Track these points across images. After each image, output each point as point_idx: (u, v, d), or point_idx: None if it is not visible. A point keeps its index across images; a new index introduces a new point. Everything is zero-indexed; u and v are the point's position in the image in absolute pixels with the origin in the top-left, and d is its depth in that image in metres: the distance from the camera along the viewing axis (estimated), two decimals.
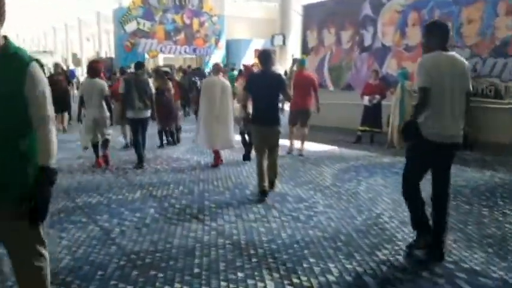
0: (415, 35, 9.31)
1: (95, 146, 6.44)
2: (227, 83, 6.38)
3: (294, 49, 22.02)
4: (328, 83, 11.13)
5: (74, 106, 8.89)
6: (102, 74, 7.30)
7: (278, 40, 19.34)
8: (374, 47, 10.18)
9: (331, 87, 11.08)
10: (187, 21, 23.86)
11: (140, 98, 6.31)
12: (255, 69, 7.29)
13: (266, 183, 5.00)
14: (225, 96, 6.22)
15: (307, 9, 11.94)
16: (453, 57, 3.28)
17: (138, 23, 22.58)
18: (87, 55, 42.79)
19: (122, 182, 5.74)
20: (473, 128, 7.91)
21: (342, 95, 10.69)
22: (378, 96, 8.67)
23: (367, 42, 10.32)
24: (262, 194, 4.96)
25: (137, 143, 6.51)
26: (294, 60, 8.86)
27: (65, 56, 48.90)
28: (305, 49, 11.79)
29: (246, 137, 6.91)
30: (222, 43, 25.27)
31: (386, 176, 6.10)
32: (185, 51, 24.40)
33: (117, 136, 8.22)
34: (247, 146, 6.82)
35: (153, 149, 8.11)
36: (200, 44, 24.30)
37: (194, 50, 24.49)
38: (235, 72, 11.80)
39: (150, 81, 6.83)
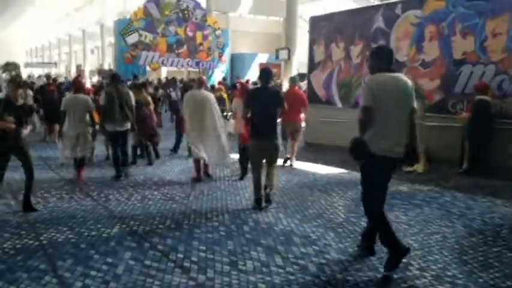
0: (432, 50, 8.57)
1: (75, 161, 6.42)
2: (211, 95, 6.36)
3: (299, 63, 21.44)
4: (337, 100, 10.36)
5: None
6: (85, 90, 7.24)
7: (283, 54, 18.68)
8: None
9: (339, 105, 10.30)
10: (190, 34, 23.32)
11: (121, 110, 6.29)
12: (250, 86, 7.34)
13: (262, 192, 5.20)
14: (209, 109, 6.16)
15: (314, 22, 11.23)
16: (397, 77, 3.49)
17: (140, 35, 22.03)
18: (90, 67, 42.54)
19: (100, 213, 4.93)
20: (500, 153, 7.51)
21: (352, 113, 9.88)
22: None
23: None
24: (257, 203, 5.17)
25: (116, 156, 6.51)
26: (291, 79, 9.07)
27: (69, 67, 48.69)
28: (312, 64, 11.06)
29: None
30: (226, 57, 24.67)
31: (407, 209, 5.28)
32: (188, 64, 23.82)
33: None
34: (244, 164, 6.68)
35: (143, 170, 7.34)
36: (203, 57, 23.71)
37: (197, 63, 23.90)
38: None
39: (131, 93, 6.70)
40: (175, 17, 22.87)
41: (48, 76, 11.04)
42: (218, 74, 24.00)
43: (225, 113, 7.53)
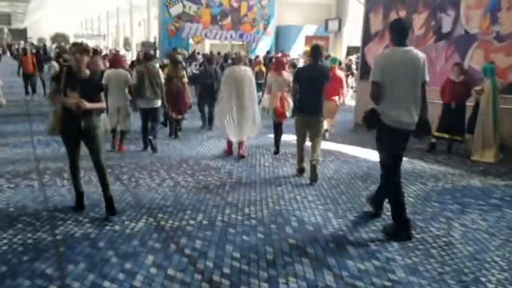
0: (510, 21, 7.32)
1: (114, 131, 6.56)
2: (250, 71, 6.32)
3: (350, 36, 20.07)
4: None
5: None
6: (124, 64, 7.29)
7: (333, 26, 17.48)
8: (455, 35, 8.22)
9: None
10: (235, 5, 22.40)
11: (152, 88, 6.46)
12: (285, 60, 7.45)
13: (304, 164, 5.48)
14: (248, 85, 6.10)
15: None
16: (407, 51, 3.51)
17: (184, 6, 21.40)
18: (137, 40, 42.66)
19: (127, 202, 4.41)
20: None
21: None
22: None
23: (446, 28, 8.36)
24: (299, 172, 5.52)
25: (144, 130, 6.70)
26: (332, 59, 8.94)
27: (117, 40, 49.24)
28: (367, 35, 9.98)
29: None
30: (271, 29, 23.54)
31: (485, 211, 4.37)
32: (231, 37, 23.02)
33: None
34: (277, 141, 6.74)
35: (179, 151, 6.80)
36: (247, 29, 22.78)
37: (241, 36, 23.04)
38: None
39: (161, 72, 6.83)
40: None
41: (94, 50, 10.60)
42: (262, 47, 23.04)
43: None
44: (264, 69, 12.75)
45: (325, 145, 6.99)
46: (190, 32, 21.71)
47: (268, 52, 19.67)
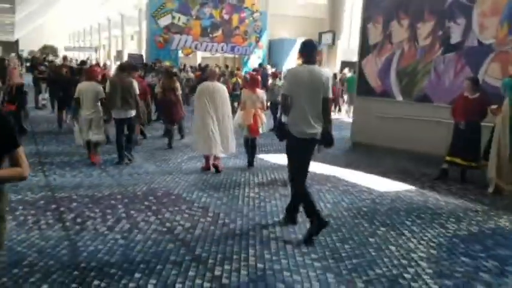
0: None
1: (88, 143, 6.58)
2: (224, 87, 6.37)
3: (343, 51, 19.26)
4: (396, 91, 8.33)
5: None
6: (99, 77, 7.46)
7: (326, 39, 16.62)
8: (466, 46, 7.29)
9: (399, 97, 8.28)
10: (226, 17, 21.60)
11: (124, 98, 6.40)
12: (259, 78, 7.25)
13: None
14: (221, 101, 6.12)
15: None
16: (312, 69, 3.84)
17: (173, 17, 20.53)
18: (130, 52, 41.80)
19: (58, 258, 3.31)
20: None
21: (415, 108, 7.90)
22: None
23: (456, 38, 7.45)
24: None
25: (119, 142, 6.59)
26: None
27: (109, 52, 48.36)
28: (364, 47, 9.05)
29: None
30: (263, 42, 22.72)
31: None
32: (222, 49, 22.16)
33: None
34: (250, 153, 6.72)
35: (151, 178, 5.75)
36: (239, 41, 21.95)
37: (232, 49, 22.19)
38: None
39: (134, 82, 6.67)
40: None
41: (64, 58, 9.74)
42: (254, 60, 22.19)
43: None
44: (240, 81, 12.84)
45: (316, 167, 6.09)
46: (179, 44, 20.83)
47: (260, 65, 18.79)
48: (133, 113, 6.54)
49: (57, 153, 7.13)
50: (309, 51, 3.90)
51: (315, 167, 6.65)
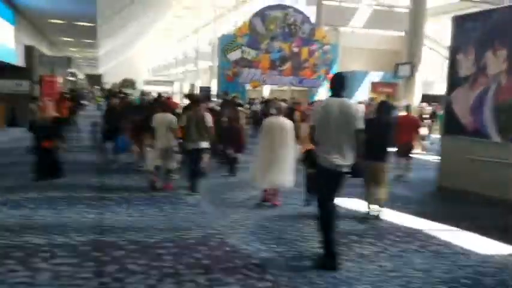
0: None
1: (158, 168, 6.91)
2: (289, 122, 6.16)
3: (423, 81, 17.96)
4: (491, 129, 7.12)
5: None
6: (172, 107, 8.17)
7: (404, 70, 15.49)
8: None
9: (495, 137, 7.07)
10: (296, 50, 21.27)
11: (197, 130, 6.64)
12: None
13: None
14: (286, 136, 5.97)
15: (460, 23, 8.17)
16: (342, 101, 3.95)
17: (243, 52, 20.63)
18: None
19: None
20: None
21: None
22: None
23: None
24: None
25: (190, 171, 6.83)
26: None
27: (183, 85, 50.67)
28: (453, 80, 7.98)
29: None
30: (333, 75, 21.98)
31: None
32: (290, 82, 21.78)
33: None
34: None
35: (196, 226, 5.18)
36: (308, 74, 21.43)
37: (301, 81, 21.71)
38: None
39: (207, 115, 6.88)
40: (280, 32, 21.07)
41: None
42: (323, 93, 21.50)
43: None
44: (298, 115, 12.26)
45: (397, 219, 5.45)
46: (248, 77, 20.82)
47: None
48: (205, 144, 6.71)
49: (119, 188, 6.87)
50: (339, 85, 4.03)
51: (396, 218, 5.73)
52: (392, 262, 4.14)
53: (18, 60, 15.81)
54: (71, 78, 36.16)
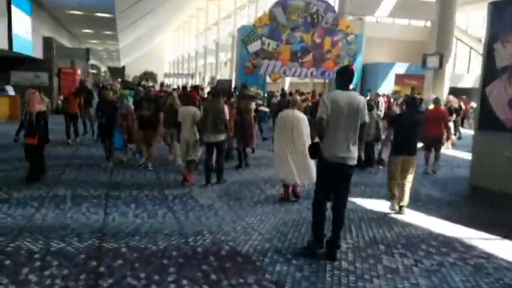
0: None
1: (188, 163, 6.92)
2: (304, 116, 6.05)
3: (451, 76, 17.04)
4: None
5: None
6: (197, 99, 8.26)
7: (433, 62, 14.66)
8: None
9: None
10: (318, 40, 20.56)
11: (214, 123, 6.57)
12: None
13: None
14: (301, 130, 5.82)
15: (498, 9, 7.41)
16: (350, 94, 3.99)
17: (263, 43, 20.05)
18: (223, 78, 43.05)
19: None
20: None
21: None
22: None
23: None
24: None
25: (207, 164, 6.77)
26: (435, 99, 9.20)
27: (204, 78, 50.51)
28: (489, 72, 7.26)
29: None
30: (357, 66, 21.15)
31: None
32: (312, 74, 21.11)
33: None
34: None
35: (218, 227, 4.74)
36: (330, 66, 20.69)
37: (323, 73, 21.02)
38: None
39: (225, 107, 6.82)
40: (302, 22, 20.39)
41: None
42: None
43: None
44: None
45: (429, 224, 5.00)
46: (268, 69, 20.25)
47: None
48: (222, 137, 6.68)
49: (128, 185, 6.50)
50: (347, 78, 4.06)
51: (428, 223, 5.17)
52: (427, 279, 3.61)
53: (36, 52, 15.69)
54: (92, 71, 36.32)
